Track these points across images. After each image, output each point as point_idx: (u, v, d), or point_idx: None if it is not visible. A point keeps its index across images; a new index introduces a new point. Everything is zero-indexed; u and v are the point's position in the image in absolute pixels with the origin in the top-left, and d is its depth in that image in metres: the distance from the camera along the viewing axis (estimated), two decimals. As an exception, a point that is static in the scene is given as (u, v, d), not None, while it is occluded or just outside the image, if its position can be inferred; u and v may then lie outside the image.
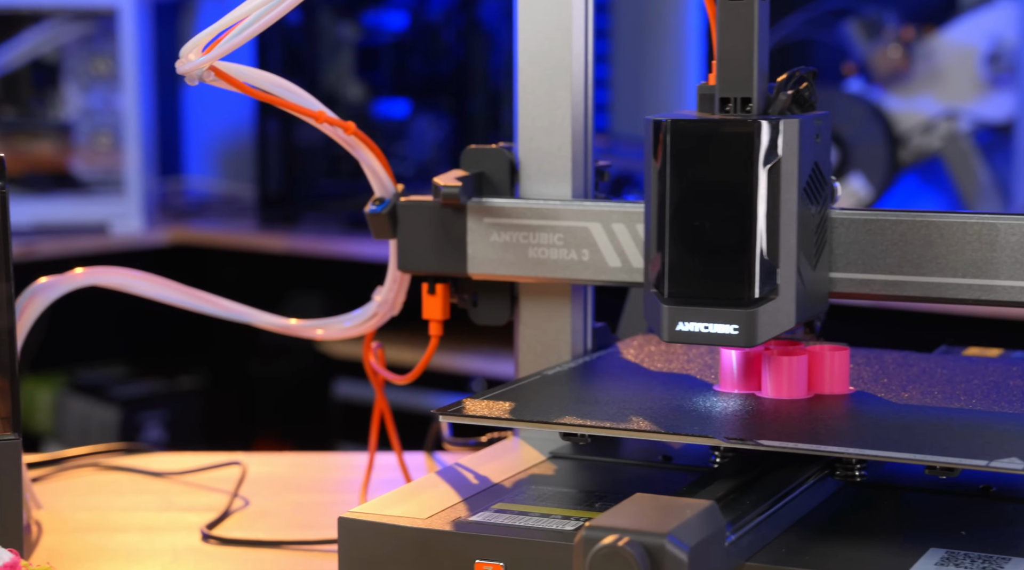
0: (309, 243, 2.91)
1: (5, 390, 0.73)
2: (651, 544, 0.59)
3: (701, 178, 0.74)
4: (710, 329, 0.74)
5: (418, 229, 0.90)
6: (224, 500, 1.03)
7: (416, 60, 3.16)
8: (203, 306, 0.99)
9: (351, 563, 0.74)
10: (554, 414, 0.76)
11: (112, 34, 3.18)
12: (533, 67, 0.89)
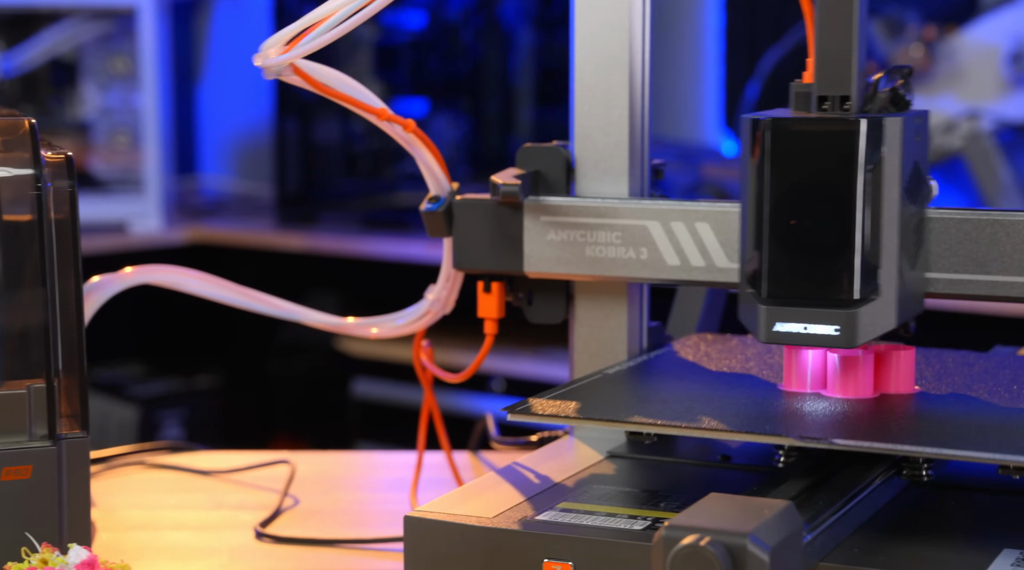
0: (327, 242, 2.91)
1: (74, 388, 0.73)
2: (733, 544, 0.58)
3: (801, 177, 0.73)
4: (809, 330, 0.73)
5: (474, 227, 0.90)
6: (272, 498, 1.03)
7: (434, 59, 3.16)
8: (256, 305, 0.99)
9: (417, 562, 0.74)
10: (621, 413, 0.76)
11: (130, 33, 3.18)
12: (590, 65, 0.89)
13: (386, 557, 0.91)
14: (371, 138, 3.20)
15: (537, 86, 3.07)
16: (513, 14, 3.09)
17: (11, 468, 0.71)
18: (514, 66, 3.08)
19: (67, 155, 0.73)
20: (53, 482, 0.72)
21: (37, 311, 0.74)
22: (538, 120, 3.06)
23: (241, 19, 3.47)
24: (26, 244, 0.74)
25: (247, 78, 3.42)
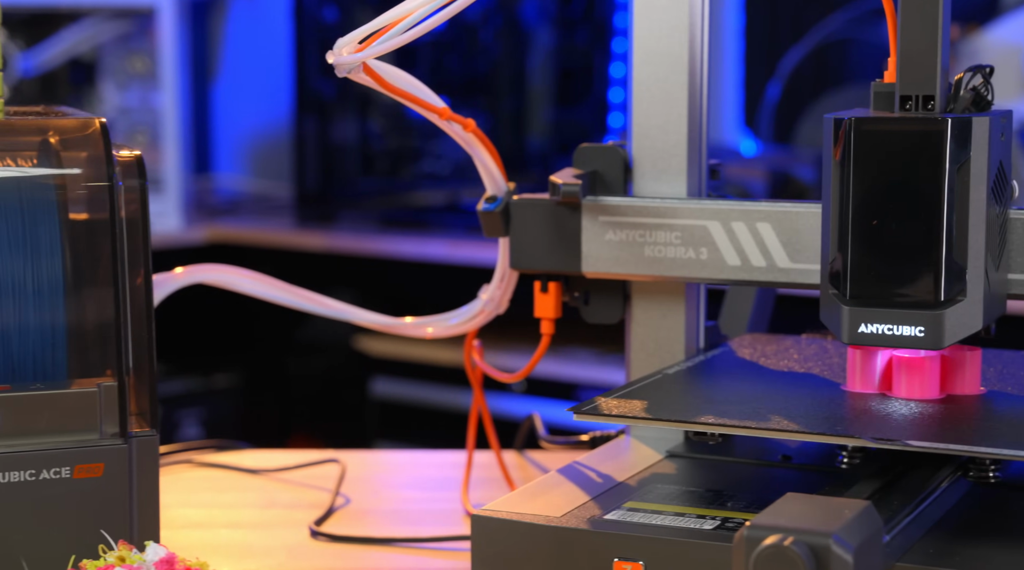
0: (346, 241, 2.91)
1: (143, 386, 0.73)
2: (816, 544, 0.58)
3: (886, 178, 0.73)
4: (894, 331, 0.73)
5: (531, 227, 0.90)
6: (321, 497, 1.03)
7: (453, 59, 3.16)
8: (306, 304, 0.99)
9: (484, 560, 0.74)
10: (688, 413, 0.76)
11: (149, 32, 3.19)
12: (649, 65, 0.89)
13: (443, 556, 0.91)
14: (389, 137, 3.20)
15: (556, 86, 3.07)
16: (532, 14, 3.09)
17: (83, 466, 0.71)
18: (532, 66, 3.08)
19: (138, 155, 0.73)
20: (124, 480, 0.72)
21: (108, 309, 0.74)
22: (557, 120, 3.06)
23: (256, 19, 3.48)
24: (97, 242, 0.75)
25: (262, 78, 3.42)
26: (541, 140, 3.04)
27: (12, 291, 0.74)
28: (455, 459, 1.14)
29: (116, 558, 0.66)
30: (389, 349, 2.85)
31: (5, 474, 0.70)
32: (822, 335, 0.95)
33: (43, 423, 0.72)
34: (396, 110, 3.29)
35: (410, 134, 3.24)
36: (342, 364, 3.04)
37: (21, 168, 0.77)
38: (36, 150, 0.77)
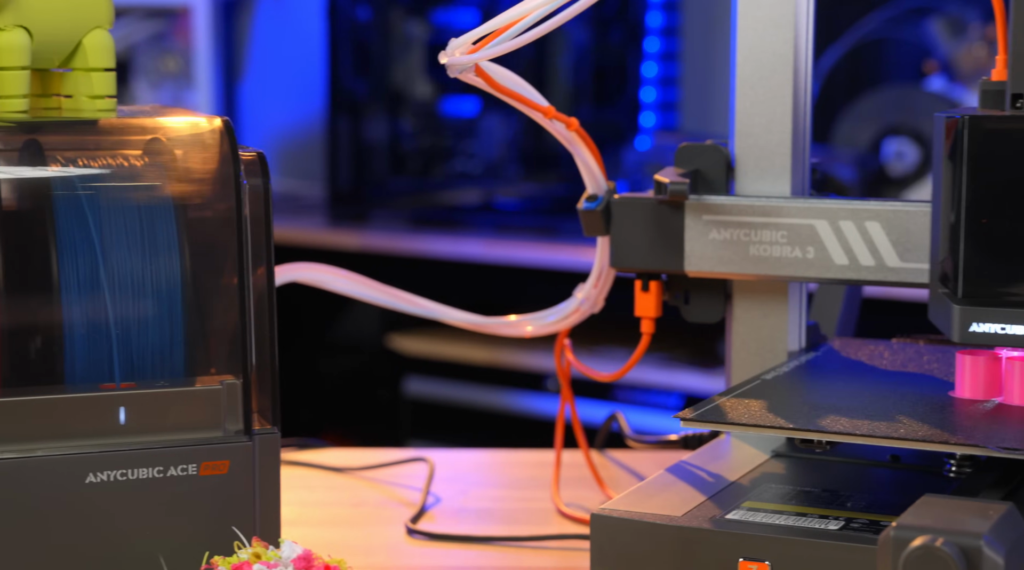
0: (379, 240, 2.92)
1: (265, 383, 0.73)
2: (968, 545, 0.58)
3: (999, 176, 0.73)
4: (1007, 331, 0.73)
5: (633, 226, 0.90)
6: (408, 495, 1.03)
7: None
8: (400, 304, 1.00)
9: (605, 560, 0.74)
10: (806, 417, 0.76)
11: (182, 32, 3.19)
12: (752, 63, 0.89)
13: (541, 554, 0.91)
14: (421, 136, 3.20)
15: (590, 85, 3.07)
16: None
17: (209, 463, 0.71)
18: (566, 65, 3.08)
19: (259, 153, 0.73)
20: (248, 477, 0.72)
21: (229, 307, 0.74)
22: (592, 120, 3.06)
23: (283, 17, 3.48)
24: (219, 241, 0.75)
25: (291, 77, 3.43)
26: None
27: (131, 290, 0.74)
28: (537, 458, 1.14)
29: (251, 555, 0.66)
30: (422, 348, 2.85)
31: (134, 471, 0.70)
32: (912, 339, 0.95)
33: (169, 421, 0.72)
34: (428, 109, 3.29)
35: (442, 133, 3.24)
36: (375, 363, 3.05)
37: (137, 166, 0.77)
38: (154, 148, 0.77)
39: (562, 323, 0.98)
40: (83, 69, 0.79)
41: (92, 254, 0.74)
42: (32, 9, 0.76)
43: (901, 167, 2.64)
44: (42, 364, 0.73)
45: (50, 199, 0.75)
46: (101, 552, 0.71)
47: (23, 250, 0.74)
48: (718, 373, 2.64)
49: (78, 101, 0.79)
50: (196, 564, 0.72)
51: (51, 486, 0.69)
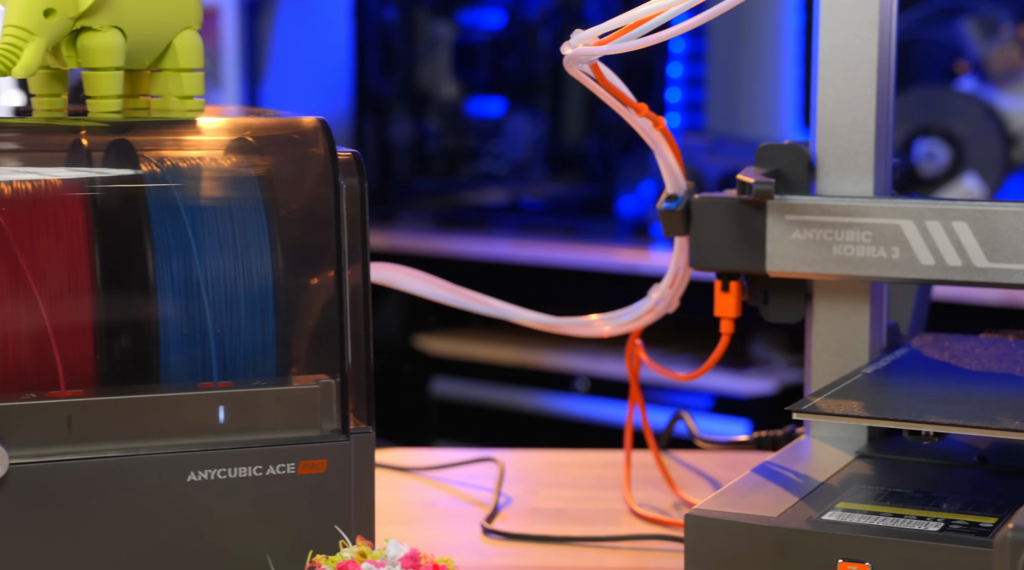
0: (405, 240, 2.92)
1: (360, 383, 0.73)
2: (1087, 544, 0.58)
3: None
4: None
5: (714, 226, 0.89)
6: (477, 495, 1.03)
7: (512, 59, 3.16)
8: (472, 304, 1.00)
9: (699, 560, 0.74)
10: (907, 412, 0.75)
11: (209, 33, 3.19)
12: (836, 63, 0.88)
13: (620, 554, 0.91)
14: (447, 137, 3.20)
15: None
16: (593, 13, 3.09)
17: (307, 462, 0.71)
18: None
19: (354, 153, 0.73)
20: (345, 477, 0.72)
21: (325, 307, 0.74)
22: (617, 121, 3.06)
23: (310, 18, 3.48)
24: (316, 241, 0.75)
25: (318, 77, 3.43)
26: (600, 140, 3.03)
27: (225, 289, 0.74)
28: (602, 459, 1.13)
29: (356, 554, 0.66)
30: (448, 348, 2.85)
31: (234, 470, 0.70)
32: (1001, 334, 0.95)
33: (268, 420, 0.72)
34: (453, 110, 3.30)
35: (468, 134, 3.24)
36: (401, 363, 3.05)
37: (230, 166, 0.77)
38: (246, 148, 0.77)
39: (636, 323, 0.98)
40: (173, 69, 0.79)
41: (187, 254, 0.74)
42: (126, 11, 0.76)
43: (932, 168, 2.64)
44: (138, 363, 0.74)
45: (145, 199, 0.75)
46: (201, 550, 0.71)
47: (119, 250, 0.74)
48: (748, 374, 2.63)
49: (167, 101, 0.80)
50: (294, 563, 0.72)
51: (153, 484, 0.70)
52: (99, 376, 0.73)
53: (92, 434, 0.69)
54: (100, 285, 0.73)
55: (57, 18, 0.75)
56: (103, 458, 0.69)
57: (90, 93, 0.77)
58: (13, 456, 0.67)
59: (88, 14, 0.75)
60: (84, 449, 0.69)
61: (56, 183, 0.75)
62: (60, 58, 0.77)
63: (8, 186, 0.75)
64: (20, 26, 0.74)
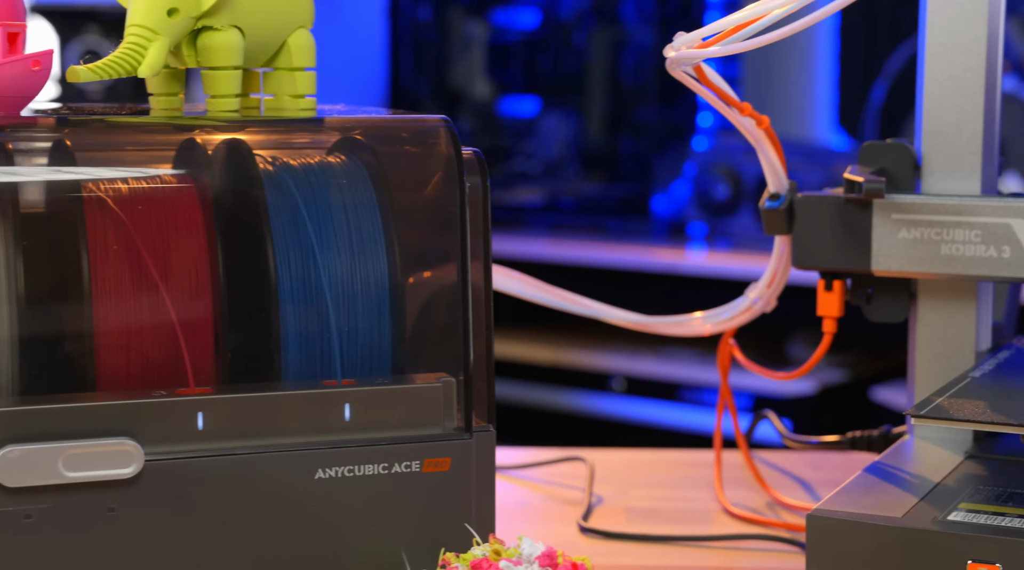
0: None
1: (481, 381, 0.73)
2: None
3: None
4: None
5: (817, 225, 0.89)
6: (566, 494, 1.03)
7: (546, 58, 3.16)
8: (566, 304, 1.00)
9: (822, 560, 0.73)
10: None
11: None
12: (943, 61, 0.88)
13: (719, 554, 0.90)
14: (480, 136, 3.20)
15: (649, 85, 3.06)
16: (627, 13, 3.09)
17: (432, 460, 0.71)
18: (626, 65, 3.08)
19: (476, 152, 0.73)
20: (468, 475, 0.72)
21: (447, 306, 0.74)
22: (650, 120, 3.06)
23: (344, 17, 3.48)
24: (439, 240, 0.75)
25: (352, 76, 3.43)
26: (633, 140, 3.03)
27: (345, 288, 0.74)
28: (686, 458, 1.13)
29: (491, 552, 0.66)
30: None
31: (360, 467, 0.70)
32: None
33: (392, 418, 0.72)
34: (487, 109, 3.30)
35: (501, 133, 3.24)
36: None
37: (348, 164, 0.77)
38: (368, 148, 0.77)
39: (732, 322, 0.97)
40: (287, 68, 0.79)
41: (307, 252, 0.74)
42: (245, 10, 0.76)
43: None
44: (259, 361, 0.74)
45: (264, 198, 0.75)
46: (327, 547, 0.70)
47: (239, 248, 0.74)
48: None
49: (280, 100, 0.80)
50: (417, 560, 0.72)
51: (282, 481, 0.69)
52: (222, 374, 0.73)
53: (221, 431, 0.69)
54: (223, 283, 0.73)
55: (180, 17, 0.75)
56: (233, 455, 0.69)
57: (210, 92, 0.77)
58: (147, 453, 0.67)
59: (210, 14, 0.75)
60: (214, 446, 0.69)
61: (176, 182, 0.75)
62: (180, 57, 0.77)
63: (128, 185, 0.75)
64: (144, 25, 0.74)
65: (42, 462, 0.66)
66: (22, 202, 0.72)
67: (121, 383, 0.72)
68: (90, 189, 0.73)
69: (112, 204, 0.73)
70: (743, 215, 2.74)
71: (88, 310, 0.70)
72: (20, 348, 0.69)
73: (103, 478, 0.67)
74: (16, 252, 0.70)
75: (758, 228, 2.72)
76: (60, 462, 0.66)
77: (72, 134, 0.72)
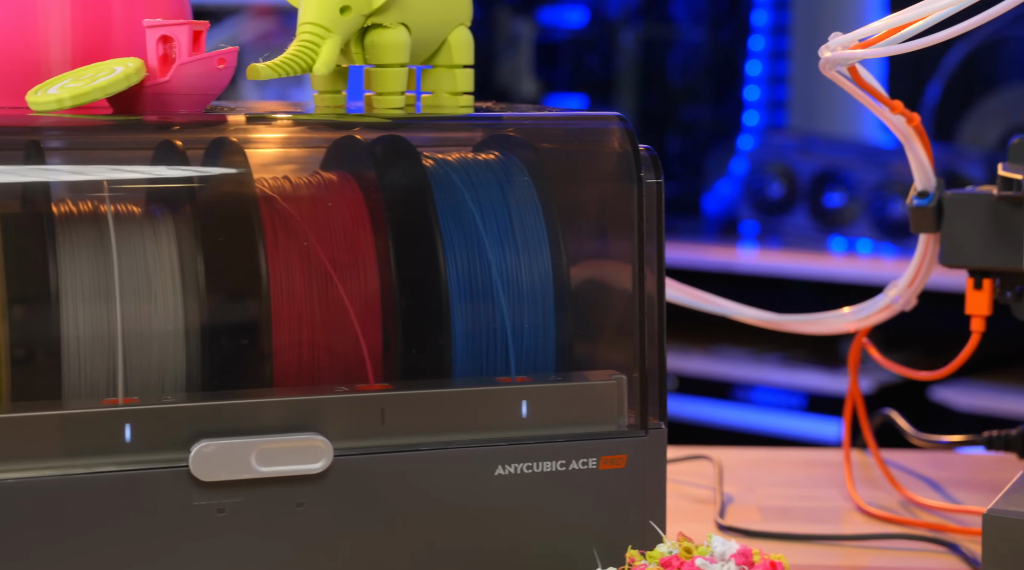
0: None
1: (654, 379, 0.73)
2: None
3: None
4: None
5: (967, 222, 0.89)
6: (692, 492, 1.03)
7: (593, 57, 3.16)
8: (700, 303, 0.99)
9: (998, 560, 0.73)
10: None
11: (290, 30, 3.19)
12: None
13: (866, 554, 0.90)
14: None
15: (698, 84, 3.06)
16: (675, 11, 3.08)
17: (608, 457, 0.71)
18: (674, 64, 3.07)
19: (649, 149, 0.73)
20: (641, 472, 0.72)
21: (620, 303, 0.74)
22: (698, 119, 3.06)
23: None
24: (611, 237, 0.75)
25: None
26: (680, 138, 3.03)
27: (512, 285, 0.74)
28: (806, 457, 1.13)
29: (681, 550, 0.66)
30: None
31: (538, 464, 0.70)
32: None
33: (568, 415, 0.72)
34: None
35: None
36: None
37: (514, 161, 0.77)
38: (533, 145, 0.77)
39: (869, 320, 0.97)
40: (446, 66, 0.79)
41: (476, 249, 0.74)
42: (413, 8, 0.76)
43: (1030, 167, 2.62)
44: (430, 357, 0.74)
45: (430, 194, 0.75)
46: (506, 544, 0.70)
47: (408, 244, 0.74)
48: (840, 373, 2.62)
49: (439, 97, 0.80)
50: (592, 558, 0.72)
51: (463, 477, 0.69)
52: (392, 370, 0.73)
53: (403, 427, 0.69)
54: (394, 279, 0.73)
55: (352, 15, 0.75)
56: (416, 451, 0.69)
57: (376, 89, 0.77)
58: (334, 448, 0.68)
59: (379, 11, 0.75)
60: (396, 442, 0.69)
61: (347, 180, 0.75)
62: (347, 55, 0.78)
63: (300, 182, 0.75)
64: (317, 23, 0.74)
65: (236, 457, 0.66)
66: (200, 200, 0.72)
67: (292, 379, 0.72)
68: (265, 186, 0.74)
69: (285, 202, 0.73)
70: (797, 214, 2.73)
71: (266, 306, 0.70)
72: (203, 344, 0.69)
73: (294, 473, 0.67)
74: (197, 249, 0.70)
75: (813, 226, 2.71)
76: (253, 457, 0.66)
77: (253, 131, 0.73)
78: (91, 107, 0.70)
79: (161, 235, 0.71)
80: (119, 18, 0.73)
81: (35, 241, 0.68)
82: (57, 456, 0.65)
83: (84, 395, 0.68)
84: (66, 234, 0.69)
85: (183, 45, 0.69)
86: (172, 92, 0.69)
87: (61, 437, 0.65)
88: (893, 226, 2.62)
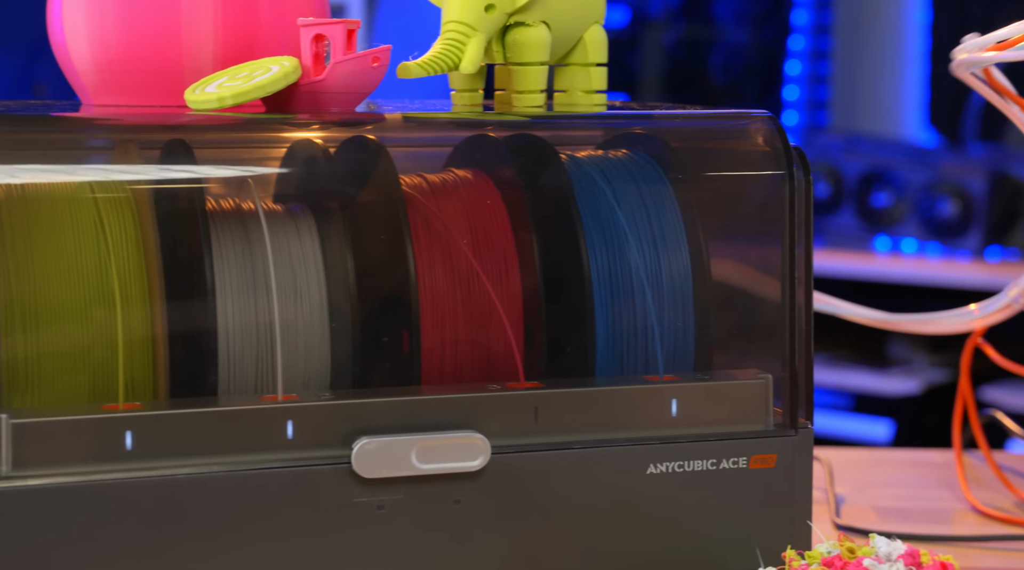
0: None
1: (801, 378, 0.73)
2: None
3: None
4: None
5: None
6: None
7: (634, 57, 3.15)
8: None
9: None
10: None
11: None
12: None
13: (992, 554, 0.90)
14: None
15: (738, 83, 3.06)
16: (718, 11, 3.08)
17: (758, 457, 0.71)
18: (715, 63, 3.07)
19: (797, 147, 0.73)
20: (790, 472, 0.72)
21: (762, 301, 0.74)
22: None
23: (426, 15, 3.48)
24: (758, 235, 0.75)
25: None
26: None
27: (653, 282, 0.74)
28: (911, 458, 1.13)
29: (844, 550, 0.66)
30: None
31: (689, 463, 0.70)
32: None
33: (718, 414, 0.72)
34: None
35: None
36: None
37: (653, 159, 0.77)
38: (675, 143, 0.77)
39: (988, 319, 0.97)
40: (581, 64, 0.79)
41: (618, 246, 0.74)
42: (552, 7, 0.76)
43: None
44: (574, 355, 0.73)
45: (572, 192, 0.75)
46: (658, 542, 0.70)
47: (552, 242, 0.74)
48: (886, 373, 2.61)
49: (572, 95, 0.79)
50: (742, 557, 0.72)
51: (616, 475, 0.69)
52: (537, 368, 0.73)
53: (556, 425, 0.69)
54: (538, 277, 0.73)
55: (496, 13, 0.75)
56: (570, 449, 0.69)
57: (517, 87, 0.77)
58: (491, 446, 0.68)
59: (522, 10, 0.75)
60: (549, 440, 0.69)
61: (492, 178, 0.75)
62: (488, 53, 0.78)
63: (443, 180, 0.75)
64: (462, 21, 0.74)
65: (397, 454, 0.66)
66: (345, 200, 0.72)
67: (436, 377, 0.72)
68: (409, 185, 0.74)
69: (427, 201, 0.74)
70: (844, 214, 2.72)
71: (415, 304, 0.70)
72: (352, 341, 0.70)
73: (453, 470, 0.67)
74: (345, 248, 0.70)
75: (859, 226, 2.70)
76: (413, 454, 0.66)
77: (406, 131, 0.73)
78: (243, 106, 0.70)
79: (304, 233, 0.71)
80: (266, 17, 0.73)
81: (192, 240, 0.68)
82: (220, 452, 0.65)
83: (235, 392, 0.68)
84: (218, 232, 0.69)
85: (338, 43, 0.69)
86: (327, 91, 0.69)
87: (225, 433, 0.65)
88: (941, 226, 2.62)
